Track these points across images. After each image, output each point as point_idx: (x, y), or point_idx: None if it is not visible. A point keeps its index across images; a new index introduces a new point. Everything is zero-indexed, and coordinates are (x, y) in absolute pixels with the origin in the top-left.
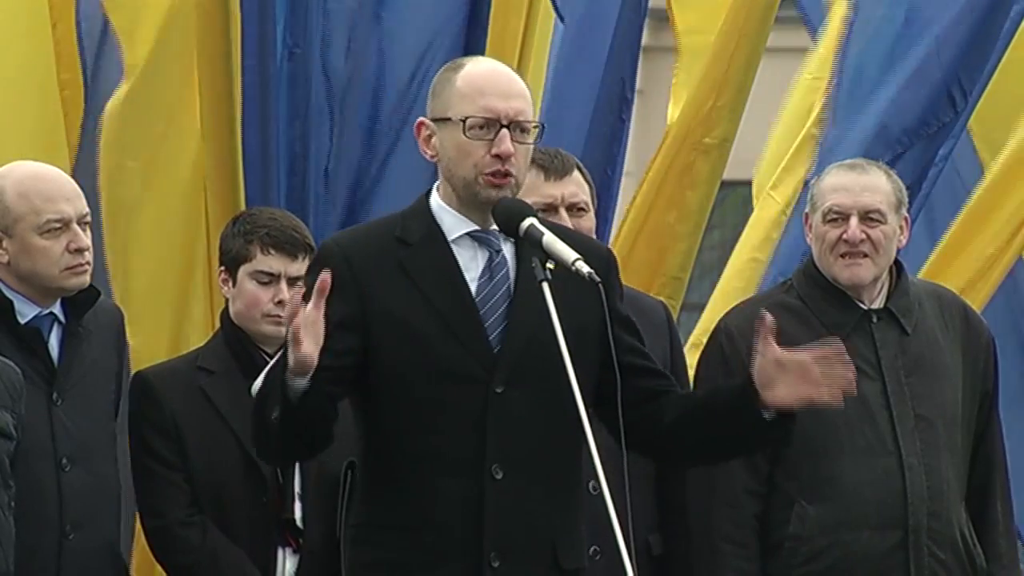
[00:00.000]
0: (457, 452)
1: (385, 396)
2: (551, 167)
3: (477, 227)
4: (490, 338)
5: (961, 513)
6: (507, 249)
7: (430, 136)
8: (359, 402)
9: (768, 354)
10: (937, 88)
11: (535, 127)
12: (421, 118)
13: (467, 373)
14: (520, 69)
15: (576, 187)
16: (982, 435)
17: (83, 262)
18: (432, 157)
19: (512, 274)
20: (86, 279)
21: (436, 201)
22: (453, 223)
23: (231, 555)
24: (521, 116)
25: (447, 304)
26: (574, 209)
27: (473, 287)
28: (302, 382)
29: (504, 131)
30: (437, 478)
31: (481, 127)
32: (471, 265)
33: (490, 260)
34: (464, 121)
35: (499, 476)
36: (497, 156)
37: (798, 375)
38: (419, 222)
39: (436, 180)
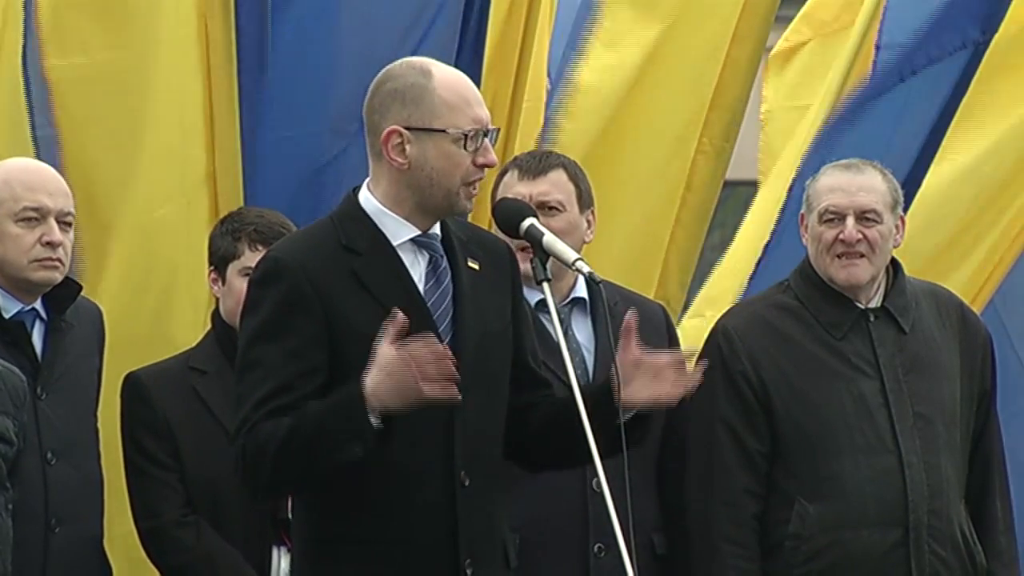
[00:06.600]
0: (425, 462)
1: None
2: (526, 167)
3: (419, 232)
4: (444, 344)
5: (961, 511)
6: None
7: (402, 144)
8: None
9: (628, 353)
10: None
11: (495, 132)
12: (394, 126)
13: None
14: (520, 68)
15: (549, 187)
16: (980, 433)
17: (53, 256)
18: (401, 166)
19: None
20: (55, 275)
21: (372, 204)
22: (396, 228)
23: (226, 555)
24: (491, 123)
25: (405, 313)
26: (544, 208)
27: (422, 292)
28: (377, 422)
29: (486, 140)
30: (404, 489)
31: (472, 138)
32: (414, 269)
33: (434, 264)
34: (466, 135)
35: (467, 483)
36: (483, 166)
37: (652, 375)
38: (360, 228)
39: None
